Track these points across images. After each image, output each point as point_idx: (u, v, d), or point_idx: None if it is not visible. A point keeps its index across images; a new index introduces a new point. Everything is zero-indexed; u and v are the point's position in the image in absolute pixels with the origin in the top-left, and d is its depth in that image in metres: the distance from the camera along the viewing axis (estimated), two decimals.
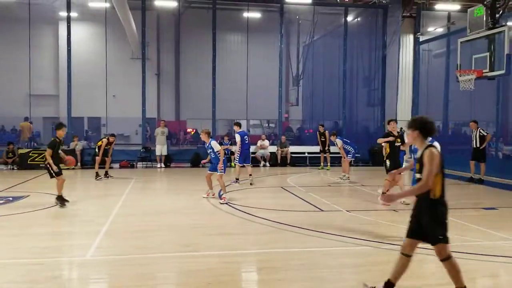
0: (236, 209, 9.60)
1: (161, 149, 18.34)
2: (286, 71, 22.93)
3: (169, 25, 23.27)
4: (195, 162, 18.99)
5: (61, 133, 9.97)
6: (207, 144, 10.57)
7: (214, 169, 10.61)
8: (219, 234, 7.61)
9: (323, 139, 17.88)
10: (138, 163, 18.85)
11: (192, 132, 25.57)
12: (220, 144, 19.17)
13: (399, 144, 10.22)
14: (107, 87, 20.09)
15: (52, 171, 9.60)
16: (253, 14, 21.84)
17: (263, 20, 22.10)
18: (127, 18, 19.58)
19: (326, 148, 17.93)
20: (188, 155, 19.43)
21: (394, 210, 9.71)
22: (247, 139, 13.73)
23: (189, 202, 10.63)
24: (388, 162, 10.12)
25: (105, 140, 15.15)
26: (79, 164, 17.54)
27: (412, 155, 9.75)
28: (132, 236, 7.44)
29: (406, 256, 4.86)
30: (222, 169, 10.39)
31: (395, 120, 10.96)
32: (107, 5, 19.97)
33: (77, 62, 20.20)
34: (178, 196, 11.73)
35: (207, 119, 20.67)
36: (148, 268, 5.93)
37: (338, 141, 14.42)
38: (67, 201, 9.75)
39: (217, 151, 10.38)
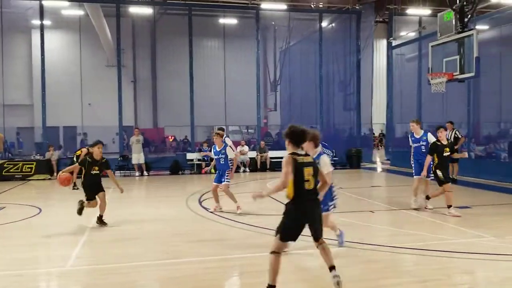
0: (217, 215, 9.64)
1: (138, 157, 18.24)
2: (263, 77, 23.08)
3: (145, 32, 23.18)
4: (175, 169, 18.94)
5: (97, 152, 8.91)
6: (219, 149, 9.58)
7: (220, 179, 9.69)
8: (200, 240, 7.63)
9: None
10: (116, 172, 18.67)
11: (170, 139, 25.46)
12: (200, 150, 19.34)
13: (448, 154, 9.45)
14: (82, 96, 19.90)
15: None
16: (229, 20, 21.96)
17: (239, 26, 22.23)
18: (101, 25, 19.47)
19: None
20: (167, 162, 19.35)
21: (371, 211, 9.91)
22: None
23: (169, 210, 10.61)
24: (439, 172, 9.31)
25: (84, 150, 14.90)
26: (55, 174, 17.31)
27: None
28: (112, 245, 7.40)
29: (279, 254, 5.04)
30: (228, 178, 9.60)
31: (445, 128, 10.39)
32: (81, 12, 19.82)
33: (51, 70, 19.91)
34: (157, 204, 11.69)
35: (186, 126, 20.63)
36: (129, 277, 5.93)
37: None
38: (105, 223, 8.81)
39: (230, 159, 9.54)
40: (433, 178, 9.54)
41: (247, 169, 19.27)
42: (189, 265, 6.23)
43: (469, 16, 12.82)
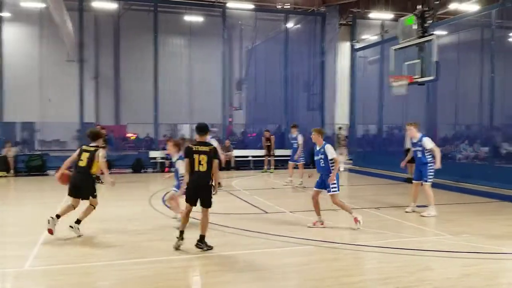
0: (181, 213, 9.53)
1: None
2: (229, 75, 23.04)
3: (108, 27, 22.64)
4: (137, 167, 18.64)
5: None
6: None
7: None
8: (164, 239, 7.54)
9: (269, 144, 18.26)
10: None
11: (133, 137, 25.01)
12: (163, 148, 19.09)
13: None
14: (41, 91, 19.27)
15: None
16: (195, 18, 21.77)
17: (205, 24, 22.08)
18: (63, 19, 18.87)
19: (271, 152, 18.32)
20: (129, 160, 19.02)
21: (334, 210, 10.07)
22: None
23: (132, 208, 10.44)
24: None
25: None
26: (11, 171, 16.74)
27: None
28: (73, 244, 7.22)
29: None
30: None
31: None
32: (42, 5, 19.18)
33: (9, 64, 19.18)
34: (120, 202, 11.45)
35: (149, 123, 20.33)
36: (91, 277, 5.81)
37: (300, 137, 14.49)
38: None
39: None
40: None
41: None
42: (153, 264, 6.16)
43: (429, 21, 13.22)
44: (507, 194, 11.80)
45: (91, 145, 7.80)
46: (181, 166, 7.91)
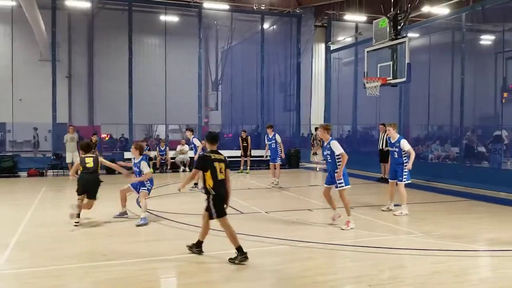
0: (155, 215, 9.49)
1: (71, 156, 17.54)
2: (205, 76, 22.97)
3: (82, 26, 22.26)
4: (110, 169, 18.37)
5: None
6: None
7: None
8: (136, 241, 7.50)
9: (245, 144, 18.31)
10: (49, 171, 17.88)
11: (107, 138, 24.68)
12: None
13: None
14: (13, 91, 18.85)
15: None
16: (171, 18, 21.62)
17: (181, 24, 21.95)
18: (35, 17, 18.50)
19: (248, 152, 18.36)
20: None
21: (309, 210, 10.18)
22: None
23: (105, 210, 10.30)
24: None
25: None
26: None
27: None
28: (44, 247, 7.10)
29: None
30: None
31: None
32: (13, 3, 18.77)
33: None
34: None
35: (123, 124, 20.12)
36: (62, 280, 5.72)
37: (278, 136, 14.53)
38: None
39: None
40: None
41: (187, 169, 19.12)
42: (126, 267, 6.10)
43: (402, 24, 13.49)
44: (477, 193, 12.13)
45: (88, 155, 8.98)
46: (145, 167, 8.96)
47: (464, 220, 9.25)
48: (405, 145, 9.69)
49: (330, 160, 8.52)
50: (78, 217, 8.61)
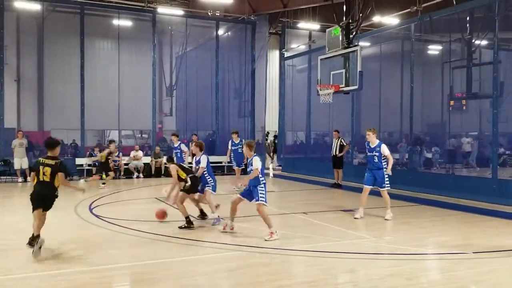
0: (109, 222, 9.28)
1: (20, 162, 16.88)
2: (159, 81, 22.67)
3: (32, 29, 21.43)
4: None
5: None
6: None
7: None
8: (91, 249, 7.30)
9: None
10: None
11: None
12: (90, 155, 18.45)
13: None
14: None
15: None
16: (125, 22, 21.20)
17: (135, 29, 21.58)
18: None
19: None
20: None
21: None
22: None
23: (56, 218, 9.92)
24: None
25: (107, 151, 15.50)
26: None
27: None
28: None
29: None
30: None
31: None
32: None
33: None
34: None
35: (75, 130, 19.54)
36: None
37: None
38: None
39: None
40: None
41: (141, 175, 18.81)
42: (80, 275, 5.94)
43: (354, 33, 13.88)
44: (426, 198, 12.58)
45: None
46: (203, 161, 9.41)
47: (415, 224, 9.56)
48: (385, 150, 9.89)
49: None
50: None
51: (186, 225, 8.68)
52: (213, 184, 9.39)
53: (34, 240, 6.86)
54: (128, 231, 8.48)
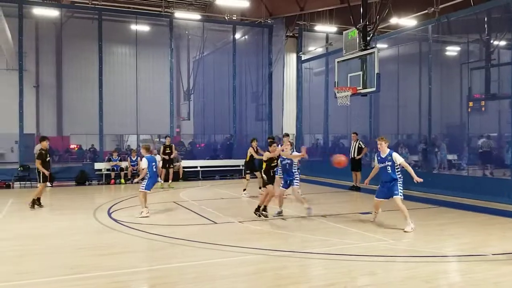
0: (127, 226, 9.34)
1: None
2: (176, 85, 22.82)
3: (50, 35, 21.80)
4: (81, 180, 18.06)
5: (45, 144, 11.92)
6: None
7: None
8: (108, 253, 7.34)
9: (168, 151, 17.20)
10: (15, 183, 17.40)
11: (76, 148, 24.20)
12: (109, 160, 18.65)
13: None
14: None
15: (41, 177, 11.78)
16: (142, 27, 21.42)
17: (152, 34, 21.78)
18: (1, 26, 18.10)
19: (172, 162, 17.61)
20: (73, 172, 18.38)
21: (283, 219, 10.19)
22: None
23: (74, 222, 10.08)
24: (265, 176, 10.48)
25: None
26: None
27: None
28: (11, 261, 6.88)
29: None
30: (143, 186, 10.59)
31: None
32: None
33: None
34: (61, 216, 11.02)
35: (94, 135, 19.77)
36: None
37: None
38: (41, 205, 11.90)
39: (142, 168, 10.72)
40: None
41: (160, 179, 18.89)
42: (96, 280, 5.96)
43: (371, 35, 13.75)
44: (445, 200, 12.39)
45: None
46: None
47: (432, 227, 9.43)
48: (398, 158, 9.14)
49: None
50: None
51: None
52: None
53: None
54: (146, 235, 8.52)
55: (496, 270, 6.37)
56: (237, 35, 22.71)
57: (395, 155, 9.20)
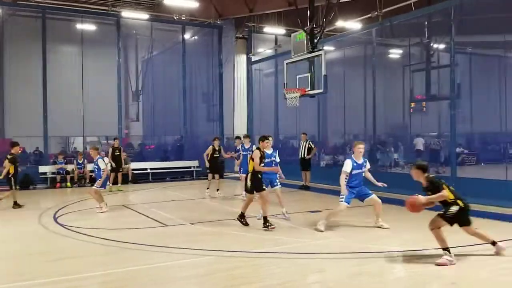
0: (75, 231, 9.12)
1: None
2: (125, 86, 22.38)
3: None
4: (25, 183, 17.37)
5: (17, 150, 12.66)
6: (94, 161, 11.78)
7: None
8: (57, 259, 7.16)
9: (117, 154, 17.02)
10: None
11: (20, 151, 23.19)
12: (54, 163, 18.05)
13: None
14: None
15: (12, 182, 12.23)
16: (88, 26, 20.85)
17: (99, 33, 21.23)
18: None
19: (122, 165, 17.37)
20: None
21: (233, 219, 10.29)
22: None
23: (20, 228, 9.73)
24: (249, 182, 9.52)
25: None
26: None
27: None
28: None
29: None
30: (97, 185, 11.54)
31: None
32: None
33: None
34: (5, 222, 10.60)
35: (38, 137, 19.07)
36: None
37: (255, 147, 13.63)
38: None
39: (102, 169, 11.55)
40: None
41: (109, 182, 18.46)
42: (48, 286, 5.83)
43: (318, 37, 14.14)
44: (393, 198, 12.88)
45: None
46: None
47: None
48: (368, 163, 9.40)
49: None
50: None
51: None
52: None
53: None
54: (95, 240, 8.36)
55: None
56: (187, 36, 22.61)
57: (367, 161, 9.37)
